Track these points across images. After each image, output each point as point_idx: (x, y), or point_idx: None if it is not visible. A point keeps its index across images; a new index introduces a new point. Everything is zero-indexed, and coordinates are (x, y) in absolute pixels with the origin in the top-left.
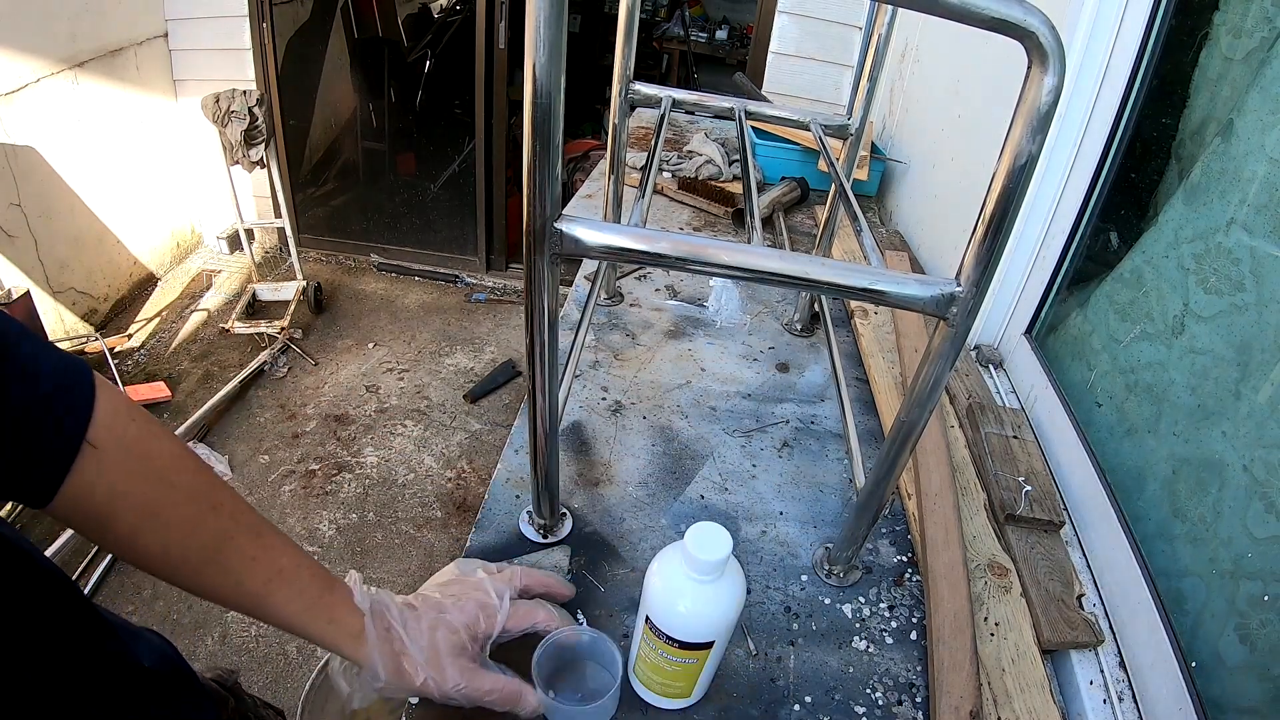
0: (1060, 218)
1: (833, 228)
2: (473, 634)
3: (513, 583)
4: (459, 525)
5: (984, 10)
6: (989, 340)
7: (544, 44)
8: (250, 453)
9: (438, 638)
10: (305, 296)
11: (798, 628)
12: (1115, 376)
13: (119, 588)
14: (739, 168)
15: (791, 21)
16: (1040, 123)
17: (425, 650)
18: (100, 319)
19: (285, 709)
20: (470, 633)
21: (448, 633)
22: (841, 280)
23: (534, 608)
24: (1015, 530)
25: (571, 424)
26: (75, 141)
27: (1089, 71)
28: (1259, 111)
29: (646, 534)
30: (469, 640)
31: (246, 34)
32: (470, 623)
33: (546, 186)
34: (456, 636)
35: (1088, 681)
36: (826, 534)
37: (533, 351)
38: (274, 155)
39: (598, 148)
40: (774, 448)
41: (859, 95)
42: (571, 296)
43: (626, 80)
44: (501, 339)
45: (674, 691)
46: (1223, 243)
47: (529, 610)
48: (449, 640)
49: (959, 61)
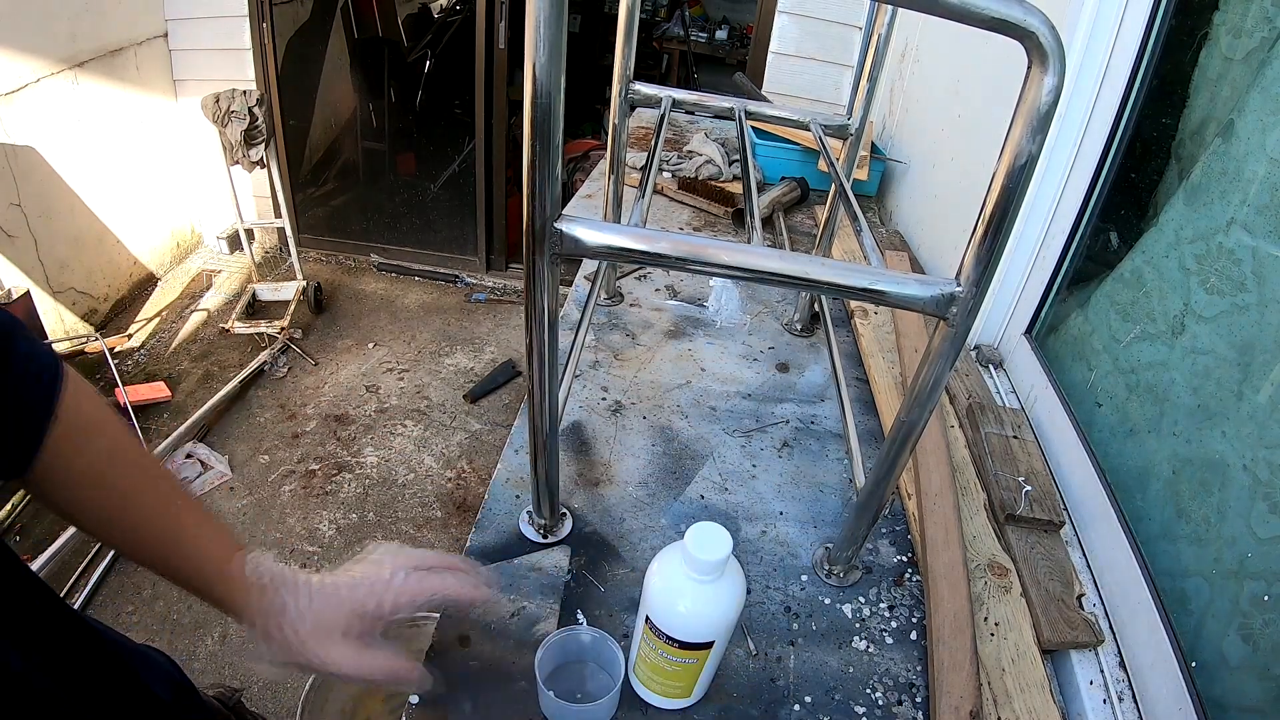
0: (1060, 218)
1: (833, 228)
2: (362, 613)
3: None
4: (459, 525)
5: (984, 10)
6: (989, 340)
7: (544, 44)
8: (250, 453)
9: (328, 615)
10: (305, 296)
11: (798, 628)
12: (1116, 377)
13: (119, 588)
14: (739, 168)
15: (791, 21)
16: (1040, 123)
17: (312, 626)
18: (100, 319)
19: (285, 709)
20: (359, 611)
21: (338, 611)
22: (841, 280)
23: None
24: (1015, 530)
25: (571, 424)
26: (75, 141)
27: (1089, 71)
28: (1259, 112)
29: (646, 534)
30: (358, 619)
31: (246, 34)
32: (361, 600)
33: (546, 186)
34: (346, 614)
35: (1088, 681)
36: (826, 534)
37: (533, 351)
38: (274, 155)
39: (598, 148)
40: (774, 448)
41: (859, 95)
42: (571, 296)
43: (626, 80)
44: (501, 339)
45: (674, 691)
46: (1224, 243)
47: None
48: (338, 618)
49: (959, 61)
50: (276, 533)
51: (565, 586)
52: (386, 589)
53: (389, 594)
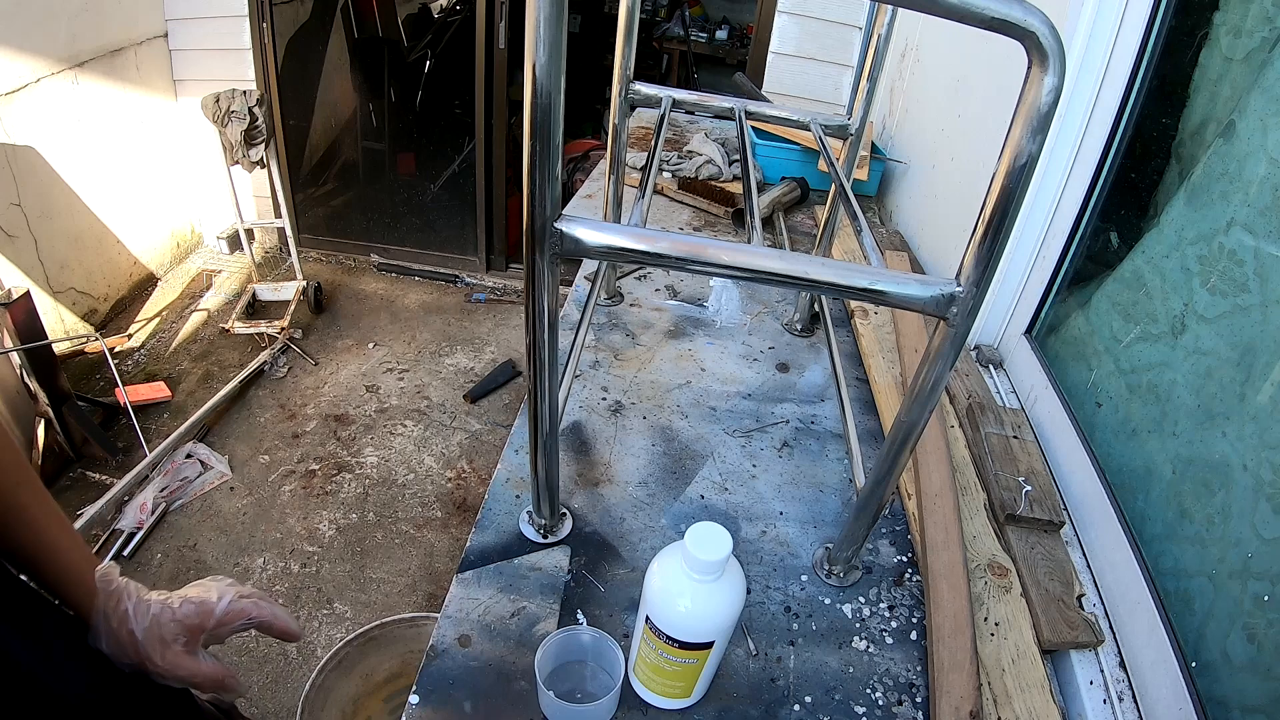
0: (1060, 218)
1: (833, 228)
2: (187, 626)
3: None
4: (459, 525)
5: (984, 10)
6: (989, 340)
7: (544, 44)
8: (250, 453)
9: (158, 624)
10: (305, 296)
11: (798, 628)
12: (1116, 377)
13: None
14: (739, 168)
15: (791, 21)
16: (1040, 123)
17: (147, 632)
18: (100, 319)
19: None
20: (185, 625)
21: (169, 621)
22: (841, 280)
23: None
24: (1015, 530)
25: (571, 424)
26: (75, 141)
27: (1089, 71)
28: (1260, 112)
29: (646, 534)
30: (182, 631)
31: (246, 34)
32: (189, 615)
33: (546, 186)
34: (176, 626)
35: (1088, 681)
36: (826, 534)
37: (533, 351)
38: (274, 155)
39: (598, 148)
40: (774, 448)
41: (859, 95)
42: (571, 296)
43: (626, 80)
44: (501, 339)
45: (674, 691)
46: (1225, 244)
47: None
48: (165, 628)
49: (959, 61)
50: (276, 533)
51: (565, 586)
52: (212, 609)
53: (213, 613)
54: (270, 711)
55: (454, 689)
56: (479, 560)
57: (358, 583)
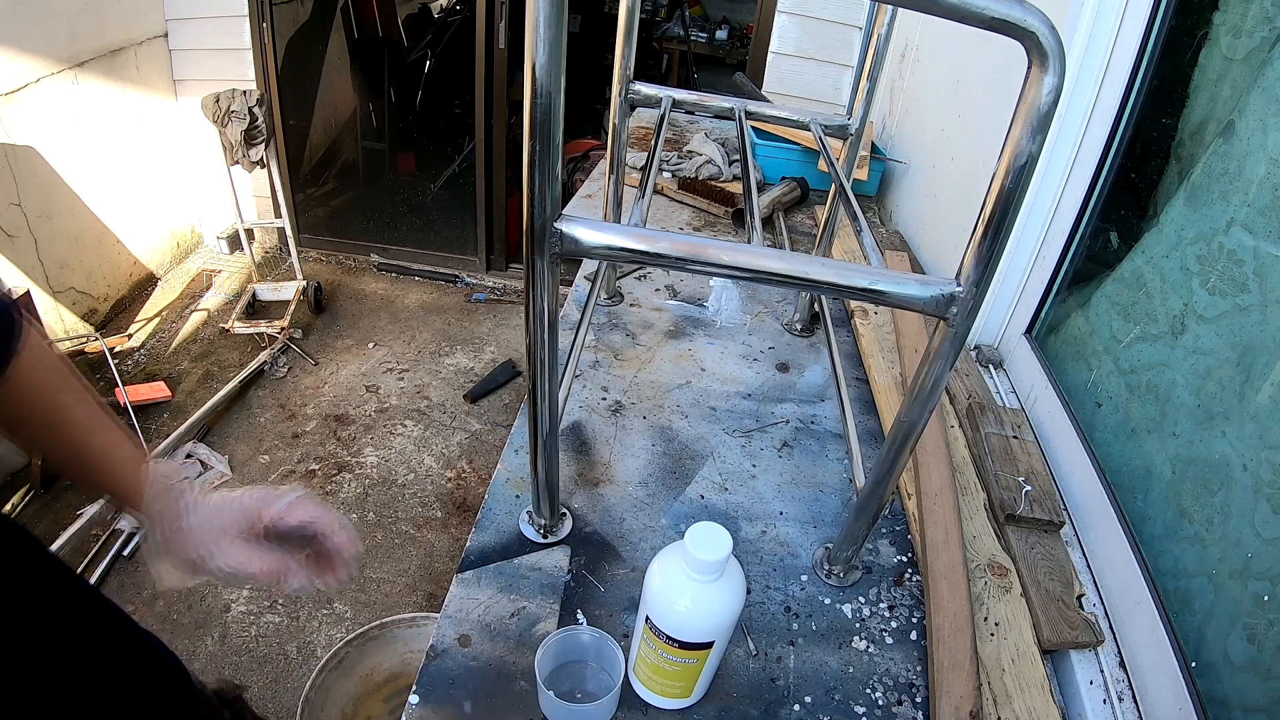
0: (1060, 218)
1: (833, 228)
2: (248, 513)
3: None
4: (459, 525)
5: (984, 10)
6: (989, 340)
7: (544, 44)
8: (250, 453)
9: (220, 515)
10: (305, 296)
11: (798, 628)
12: (1116, 377)
13: (118, 587)
14: (739, 168)
15: (791, 21)
16: (1040, 123)
17: (203, 524)
18: (100, 319)
19: (285, 709)
20: (245, 512)
21: (227, 511)
22: (841, 280)
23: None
24: (1015, 530)
25: (571, 424)
26: (75, 141)
27: (1089, 71)
28: (1260, 112)
29: (646, 534)
30: (245, 520)
31: (246, 34)
32: (248, 505)
33: (546, 186)
34: (234, 515)
35: (1088, 681)
36: (826, 534)
37: (533, 351)
38: (274, 155)
39: (598, 148)
40: (774, 448)
41: (859, 95)
42: (571, 296)
43: (626, 80)
44: (501, 339)
45: (674, 691)
46: (1225, 244)
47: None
48: (226, 517)
49: (959, 61)
50: None
51: (565, 586)
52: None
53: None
54: (270, 711)
55: (454, 689)
56: (479, 560)
57: (357, 583)
